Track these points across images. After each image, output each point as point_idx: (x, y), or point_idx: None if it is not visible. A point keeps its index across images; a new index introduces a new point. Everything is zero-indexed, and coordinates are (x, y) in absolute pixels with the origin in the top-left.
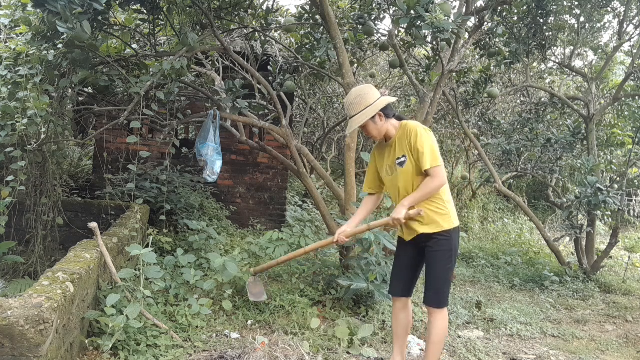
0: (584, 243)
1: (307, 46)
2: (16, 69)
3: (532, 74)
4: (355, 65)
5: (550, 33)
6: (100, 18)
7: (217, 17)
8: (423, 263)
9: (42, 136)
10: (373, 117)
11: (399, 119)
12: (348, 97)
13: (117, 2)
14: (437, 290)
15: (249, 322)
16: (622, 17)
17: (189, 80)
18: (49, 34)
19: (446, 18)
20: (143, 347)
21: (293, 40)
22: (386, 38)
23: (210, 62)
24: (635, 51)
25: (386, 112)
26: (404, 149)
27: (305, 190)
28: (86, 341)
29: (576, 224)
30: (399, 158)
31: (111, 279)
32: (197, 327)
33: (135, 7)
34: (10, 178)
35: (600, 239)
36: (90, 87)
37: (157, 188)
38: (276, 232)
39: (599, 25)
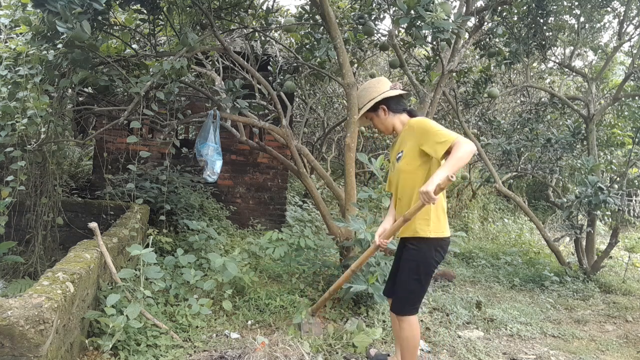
0: (584, 243)
1: (307, 46)
2: (16, 69)
3: (532, 74)
4: (355, 65)
5: (550, 33)
6: (100, 18)
7: (217, 17)
8: None
9: (42, 136)
10: (377, 111)
11: (411, 113)
12: (359, 90)
13: (117, 2)
14: (399, 298)
15: (249, 322)
16: (622, 17)
17: (189, 80)
18: (49, 34)
19: (446, 18)
20: (143, 347)
21: (293, 40)
22: (386, 38)
23: (210, 62)
24: (635, 51)
25: (392, 106)
26: (404, 145)
27: (305, 190)
28: (86, 341)
29: (576, 224)
30: (399, 154)
31: (111, 279)
32: (197, 327)
33: (135, 7)
34: (10, 178)
35: (600, 239)
36: (90, 87)
37: (157, 188)
38: (276, 232)
39: (599, 25)
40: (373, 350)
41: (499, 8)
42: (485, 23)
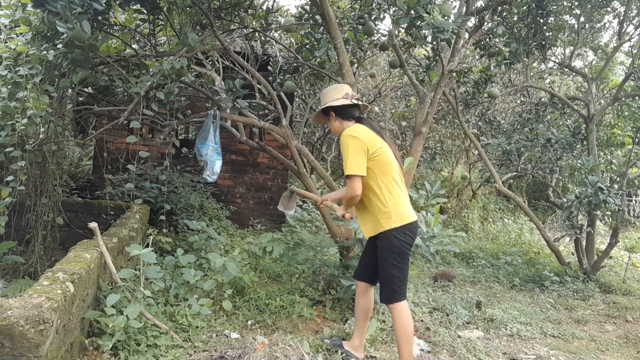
0: (584, 243)
1: (307, 46)
2: (16, 69)
3: (532, 74)
4: (355, 65)
5: (550, 33)
6: (100, 18)
7: (217, 17)
8: None
9: (42, 136)
10: (327, 115)
11: (358, 121)
12: (321, 91)
13: (117, 2)
14: (383, 286)
15: (249, 322)
16: (622, 17)
17: (189, 80)
18: (49, 34)
19: (446, 18)
20: (143, 347)
21: (293, 40)
22: (386, 38)
23: (210, 62)
24: (635, 51)
25: (341, 113)
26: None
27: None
28: (86, 341)
29: (576, 224)
30: None
31: (111, 279)
32: (197, 327)
33: (135, 7)
34: (10, 178)
35: (600, 239)
36: (90, 87)
37: (157, 188)
38: (271, 234)
39: (599, 25)
40: (327, 340)
41: (499, 8)
42: (485, 23)
